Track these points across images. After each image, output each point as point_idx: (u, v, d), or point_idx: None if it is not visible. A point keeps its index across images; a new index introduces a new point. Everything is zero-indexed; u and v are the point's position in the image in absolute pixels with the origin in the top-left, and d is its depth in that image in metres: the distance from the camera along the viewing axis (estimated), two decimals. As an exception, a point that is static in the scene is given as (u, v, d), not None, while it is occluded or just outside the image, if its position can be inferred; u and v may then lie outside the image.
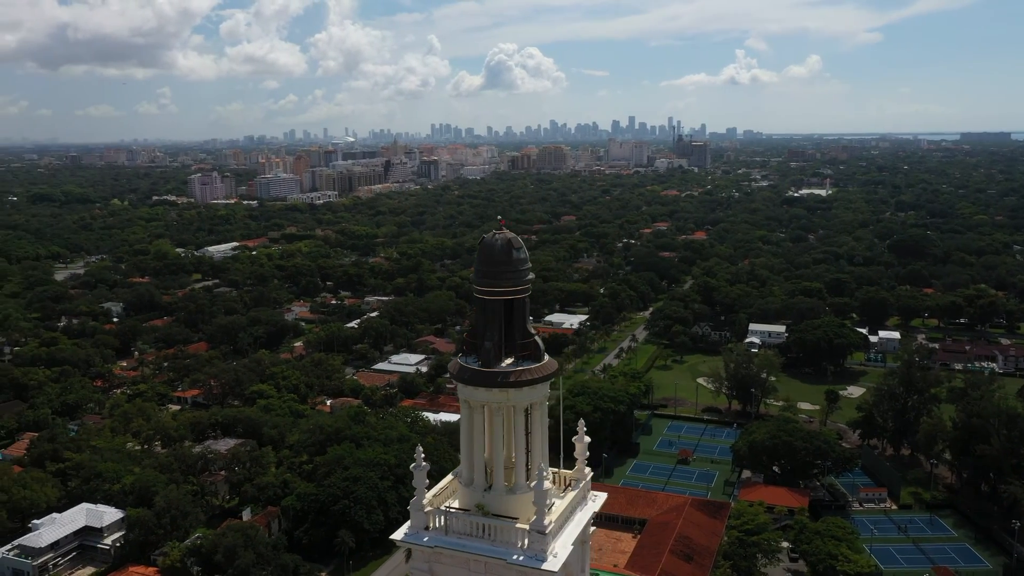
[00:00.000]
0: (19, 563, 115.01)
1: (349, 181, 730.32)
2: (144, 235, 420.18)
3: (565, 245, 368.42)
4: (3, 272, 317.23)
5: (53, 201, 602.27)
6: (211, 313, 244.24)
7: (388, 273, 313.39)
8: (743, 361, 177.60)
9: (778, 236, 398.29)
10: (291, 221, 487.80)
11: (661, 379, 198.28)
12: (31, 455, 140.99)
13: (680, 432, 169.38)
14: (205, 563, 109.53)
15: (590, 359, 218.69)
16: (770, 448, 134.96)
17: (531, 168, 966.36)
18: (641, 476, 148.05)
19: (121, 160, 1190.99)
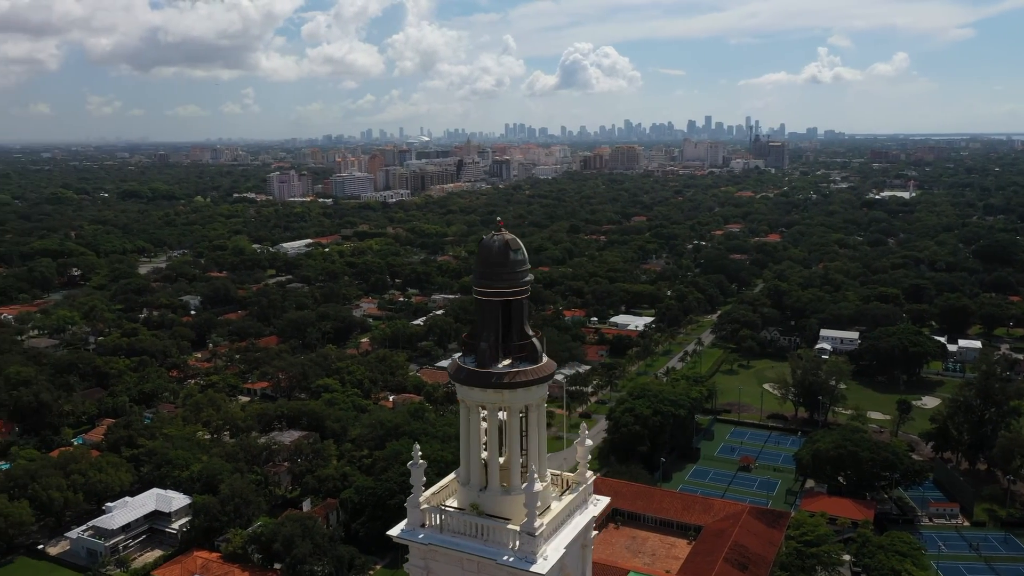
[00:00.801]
0: (93, 543, 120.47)
1: (422, 180, 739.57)
2: (223, 231, 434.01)
3: (634, 246, 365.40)
4: (91, 265, 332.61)
5: (141, 198, 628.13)
6: (282, 308, 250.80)
7: (455, 271, 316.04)
8: (811, 367, 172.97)
9: (856, 240, 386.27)
10: (363, 219, 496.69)
11: (726, 384, 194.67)
12: (108, 440, 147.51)
13: (743, 438, 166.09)
14: (265, 551, 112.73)
15: (654, 362, 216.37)
16: (834, 458, 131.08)
17: (603, 168, 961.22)
18: (700, 482, 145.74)
19: (206, 158, 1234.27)
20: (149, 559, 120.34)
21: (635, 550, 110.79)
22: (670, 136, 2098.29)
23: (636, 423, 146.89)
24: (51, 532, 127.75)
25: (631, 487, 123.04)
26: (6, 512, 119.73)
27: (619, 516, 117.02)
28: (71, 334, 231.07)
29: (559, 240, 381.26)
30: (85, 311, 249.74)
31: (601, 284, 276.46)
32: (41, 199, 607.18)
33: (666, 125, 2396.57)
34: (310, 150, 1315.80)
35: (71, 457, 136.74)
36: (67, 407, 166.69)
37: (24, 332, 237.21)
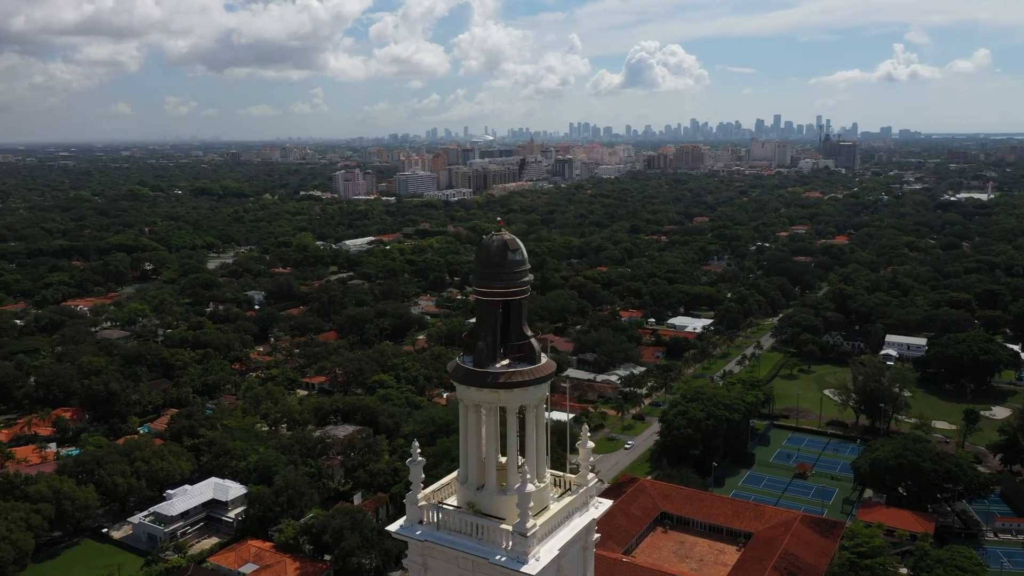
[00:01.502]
0: (153, 529, 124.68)
1: (484, 179, 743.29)
2: (289, 228, 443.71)
3: (695, 247, 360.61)
4: (163, 260, 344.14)
5: (212, 195, 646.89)
6: (342, 304, 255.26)
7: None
8: (874, 373, 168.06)
9: (928, 243, 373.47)
10: (425, 217, 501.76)
11: (785, 389, 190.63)
12: (171, 430, 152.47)
13: (800, 445, 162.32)
14: (315, 542, 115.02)
15: (711, 364, 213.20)
16: (894, 467, 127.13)
17: (667, 168, 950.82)
18: (754, 488, 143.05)
19: (275, 157, 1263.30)
20: (205, 546, 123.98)
21: (683, 555, 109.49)
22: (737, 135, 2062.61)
23: (689, 426, 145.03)
24: (115, 517, 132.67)
25: (681, 491, 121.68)
26: (73, 496, 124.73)
27: (667, 520, 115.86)
28: (141, 326, 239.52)
29: (619, 240, 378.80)
30: (155, 304, 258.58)
31: (660, 285, 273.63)
32: (119, 196, 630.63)
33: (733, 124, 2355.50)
34: (376, 149, 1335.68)
35: (135, 445, 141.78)
36: (134, 397, 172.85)
37: (98, 324, 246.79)
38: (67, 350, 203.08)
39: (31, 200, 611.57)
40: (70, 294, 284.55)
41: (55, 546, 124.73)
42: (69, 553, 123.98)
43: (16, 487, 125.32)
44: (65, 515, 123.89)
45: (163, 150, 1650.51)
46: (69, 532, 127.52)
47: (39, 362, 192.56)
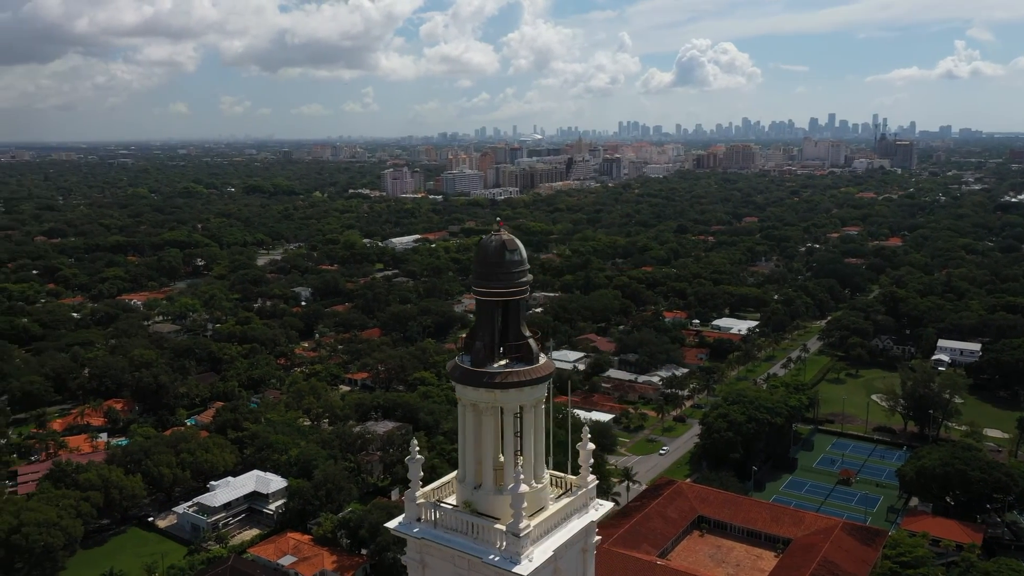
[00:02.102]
0: (197, 519, 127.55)
1: (531, 178, 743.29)
2: (337, 225, 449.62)
3: (742, 248, 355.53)
4: (214, 256, 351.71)
5: (263, 193, 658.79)
6: (386, 301, 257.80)
7: (557, 270, 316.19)
8: (923, 379, 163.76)
9: (985, 245, 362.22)
10: (471, 216, 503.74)
11: (831, 393, 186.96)
12: (216, 422, 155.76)
13: (845, 450, 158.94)
14: (352, 536, 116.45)
15: (755, 367, 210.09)
16: (941, 476, 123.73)
17: (717, 167, 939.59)
18: (795, 493, 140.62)
19: (326, 156, 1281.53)
20: (246, 537, 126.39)
21: (719, 559, 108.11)
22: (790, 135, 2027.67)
23: (729, 429, 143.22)
24: (161, 506, 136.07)
25: (718, 495, 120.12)
26: (121, 485, 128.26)
27: (704, 524, 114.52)
28: (191, 320, 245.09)
29: (665, 240, 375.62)
30: (205, 299, 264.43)
31: (705, 286, 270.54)
32: (174, 193, 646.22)
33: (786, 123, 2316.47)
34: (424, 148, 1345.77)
35: (182, 436, 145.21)
36: (182, 389, 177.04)
37: (150, 318, 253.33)
38: (120, 343, 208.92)
39: (91, 197, 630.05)
40: (125, 288, 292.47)
41: (103, 533, 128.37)
42: (116, 540, 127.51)
43: (68, 475, 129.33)
44: (113, 503, 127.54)
45: (218, 148, 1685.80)
46: (117, 520, 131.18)
47: (93, 354, 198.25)
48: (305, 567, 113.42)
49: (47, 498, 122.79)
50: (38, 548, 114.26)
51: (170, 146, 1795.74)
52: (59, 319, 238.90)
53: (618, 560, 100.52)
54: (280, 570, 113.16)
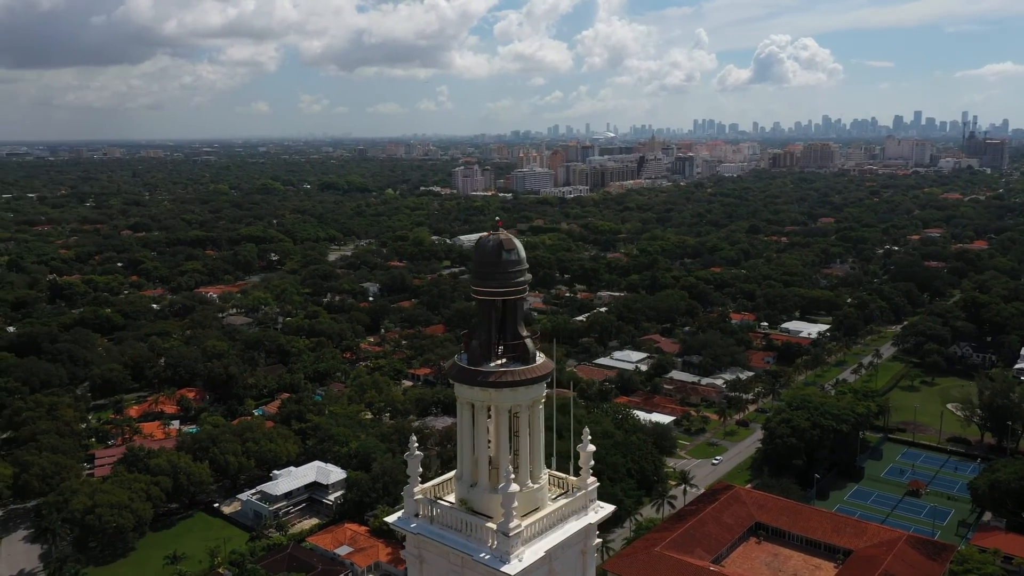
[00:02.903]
0: (259, 506, 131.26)
1: (601, 176, 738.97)
2: (407, 222, 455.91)
3: (816, 249, 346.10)
4: (288, 251, 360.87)
5: (338, 190, 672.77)
6: (451, 298, 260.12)
7: (624, 269, 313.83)
8: (1003, 389, 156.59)
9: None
10: (539, 214, 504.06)
11: (903, 401, 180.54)
12: (281, 413, 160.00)
13: (916, 461, 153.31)
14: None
15: (824, 372, 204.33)
16: (1017, 490, 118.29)
17: (794, 166, 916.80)
18: (860, 503, 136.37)
19: (400, 153, 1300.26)
20: (306, 526, 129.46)
21: (775, 568, 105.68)
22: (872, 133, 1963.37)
23: (792, 435, 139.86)
24: (226, 493, 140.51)
25: (777, 502, 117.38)
26: (189, 471, 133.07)
27: (762, 531, 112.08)
28: (263, 314, 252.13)
29: (736, 240, 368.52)
30: (277, 293, 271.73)
31: (775, 287, 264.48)
32: (253, 190, 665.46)
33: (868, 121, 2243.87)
34: (496, 146, 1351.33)
35: (248, 426, 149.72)
36: (251, 380, 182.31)
37: (224, 310, 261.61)
38: (195, 334, 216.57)
39: (175, 193, 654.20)
40: (202, 281, 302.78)
41: (171, 517, 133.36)
42: (184, 524, 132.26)
43: (140, 460, 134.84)
44: (181, 488, 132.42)
45: (296, 146, 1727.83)
46: (184, 504, 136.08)
47: (169, 344, 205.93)
48: (360, 558, 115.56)
49: (120, 481, 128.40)
50: (110, 528, 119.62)
51: (251, 144, 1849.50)
52: (140, 310, 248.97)
53: (671, 564, 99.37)
54: (336, 560, 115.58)
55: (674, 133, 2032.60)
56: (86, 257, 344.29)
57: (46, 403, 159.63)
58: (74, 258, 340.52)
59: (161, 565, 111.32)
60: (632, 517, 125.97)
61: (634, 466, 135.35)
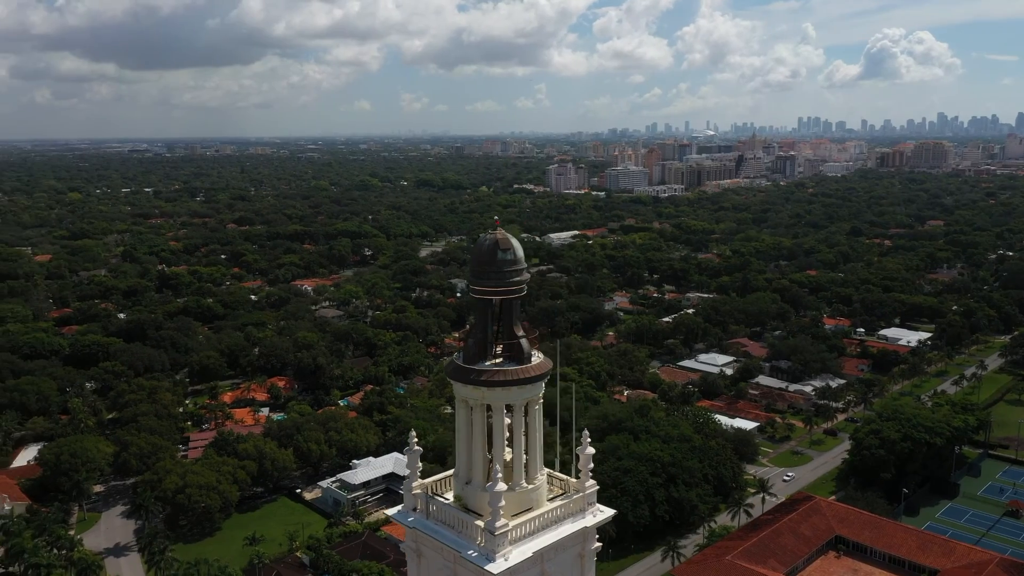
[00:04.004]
0: (338, 494, 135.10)
1: (698, 175, 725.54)
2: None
3: (921, 253, 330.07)
4: (380, 246, 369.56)
5: (433, 187, 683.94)
6: (536, 296, 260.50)
7: (715, 270, 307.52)
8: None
9: None
10: (632, 213, 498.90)
11: (1008, 415, 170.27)
12: (363, 405, 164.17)
13: (1018, 480, 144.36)
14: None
15: (922, 382, 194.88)
16: None
17: (903, 166, 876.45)
18: (953, 522, 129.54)
19: (496, 151, 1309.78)
20: (381, 516, 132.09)
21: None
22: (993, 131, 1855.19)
23: (881, 447, 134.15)
24: (308, 479, 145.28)
25: (860, 515, 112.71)
26: (274, 457, 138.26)
27: (842, 545, 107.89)
28: (353, 307, 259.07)
29: (835, 243, 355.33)
30: (368, 287, 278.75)
31: (873, 292, 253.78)
32: (352, 186, 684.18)
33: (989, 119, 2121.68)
34: (592, 144, 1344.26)
35: (331, 416, 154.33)
36: (337, 371, 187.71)
37: (317, 303, 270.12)
38: (288, 325, 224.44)
39: (278, 188, 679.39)
40: (298, 274, 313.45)
41: (256, 500, 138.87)
42: (267, 508, 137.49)
43: (229, 444, 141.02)
44: (266, 473, 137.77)
45: (396, 144, 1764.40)
46: (269, 489, 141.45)
47: (264, 335, 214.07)
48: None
49: (210, 464, 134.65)
50: (198, 508, 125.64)
51: (353, 141, 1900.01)
52: (239, 300, 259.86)
53: (742, 574, 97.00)
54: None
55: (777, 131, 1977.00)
56: (193, 249, 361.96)
57: (147, 387, 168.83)
58: (182, 250, 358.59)
59: (241, 546, 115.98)
60: (706, 523, 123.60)
61: (711, 472, 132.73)
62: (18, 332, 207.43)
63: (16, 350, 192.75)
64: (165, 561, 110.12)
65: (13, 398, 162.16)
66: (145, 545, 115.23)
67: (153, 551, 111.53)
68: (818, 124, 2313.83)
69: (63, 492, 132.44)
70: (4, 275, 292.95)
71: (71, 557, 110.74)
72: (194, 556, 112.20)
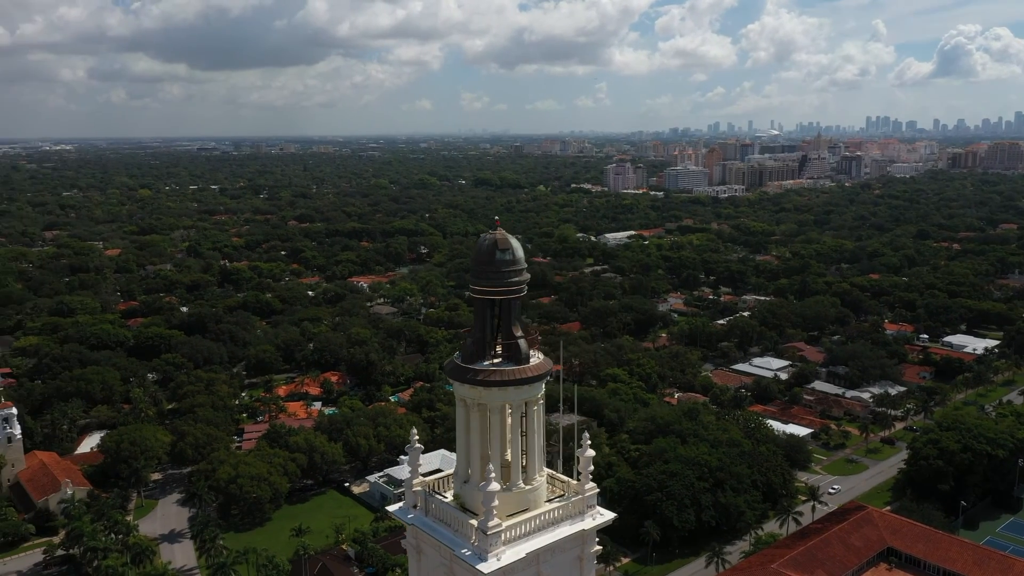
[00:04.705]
0: (385, 489, 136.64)
1: (759, 175, 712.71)
2: (554, 219, 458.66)
3: (992, 258, 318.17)
4: (436, 244, 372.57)
5: (491, 185, 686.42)
6: (590, 296, 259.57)
7: (773, 272, 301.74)
8: None
9: None
10: (689, 213, 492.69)
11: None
12: (413, 401, 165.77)
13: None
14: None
15: (988, 392, 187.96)
16: None
17: (976, 167, 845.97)
18: (1015, 537, 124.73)
19: (555, 150, 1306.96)
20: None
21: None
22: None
23: (939, 458, 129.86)
24: (357, 473, 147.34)
25: (914, 528, 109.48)
26: (324, 450, 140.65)
27: (894, 557, 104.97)
28: (407, 304, 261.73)
29: (900, 246, 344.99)
30: (422, 285, 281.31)
31: (938, 298, 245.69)
32: (410, 184, 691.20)
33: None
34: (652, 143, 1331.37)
35: (381, 411, 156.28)
36: (389, 367, 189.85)
37: (372, 299, 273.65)
38: (342, 321, 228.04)
39: (339, 186, 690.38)
40: (355, 271, 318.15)
41: (306, 492, 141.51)
42: (316, 500, 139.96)
43: (281, 437, 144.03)
44: (316, 466, 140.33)
45: (456, 143, 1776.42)
46: (319, 482, 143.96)
47: (319, 330, 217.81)
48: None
49: (262, 455, 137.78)
50: (249, 498, 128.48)
51: (414, 140, 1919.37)
52: (296, 296, 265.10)
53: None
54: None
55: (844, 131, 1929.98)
56: (254, 245, 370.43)
57: (205, 379, 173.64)
58: (244, 245, 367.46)
59: (287, 536, 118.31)
60: (753, 530, 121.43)
61: (760, 478, 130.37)
62: (87, 323, 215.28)
63: (84, 340, 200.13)
64: (215, 549, 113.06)
65: (79, 387, 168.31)
66: (197, 532, 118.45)
67: (204, 539, 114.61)
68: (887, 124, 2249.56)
69: (123, 479, 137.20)
70: (76, 268, 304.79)
71: (127, 541, 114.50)
72: (244, 545, 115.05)
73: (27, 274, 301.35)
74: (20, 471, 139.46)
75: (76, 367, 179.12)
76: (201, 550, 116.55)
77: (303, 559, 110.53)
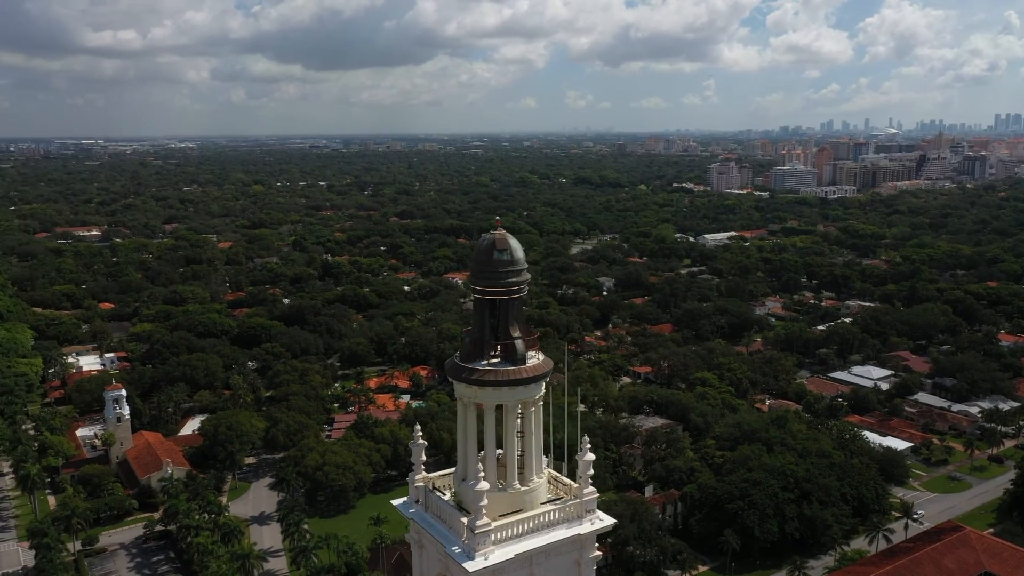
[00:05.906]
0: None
1: (872, 176, 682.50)
2: (653, 219, 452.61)
3: None
4: (531, 242, 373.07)
5: (591, 184, 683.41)
6: (684, 297, 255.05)
7: (880, 277, 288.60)
8: None
9: None
10: (795, 215, 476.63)
11: None
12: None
13: None
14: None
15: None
16: None
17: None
18: None
19: (658, 149, 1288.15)
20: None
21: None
22: None
23: None
24: (438, 466, 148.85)
25: (1016, 552, 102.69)
26: (407, 442, 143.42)
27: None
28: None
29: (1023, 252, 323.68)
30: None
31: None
32: (511, 182, 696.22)
33: None
34: (761, 142, 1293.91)
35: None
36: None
37: (465, 296, 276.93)
38: (434, 316, 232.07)
39: (441, 184, 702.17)
40: (450, 267, 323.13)
41: (389, 483, 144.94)
42: (399, 491, 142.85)
43: (367, 427, 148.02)
44: (399, 458, 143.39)
45: (559, 141, 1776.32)
46: (402, 473, 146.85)
47: (411, 325, 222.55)
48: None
49: (348, 445, 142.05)
50: (335, 486, 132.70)
51: (517, 138, 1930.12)
52: (392, 291, 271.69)
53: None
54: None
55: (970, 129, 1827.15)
56: (356, 240, 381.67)
57: (300, 368, 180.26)
58: (346, 240, 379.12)
59: (367, 525, 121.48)
60: (839, 545, 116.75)
61: (851, 491, 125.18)
62: (195, 312, 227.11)
63: (192, 328, 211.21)
64: (299, 533, 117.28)
65: (185, 372, 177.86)
66: (283, 516, 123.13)
67: (289, 523, 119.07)
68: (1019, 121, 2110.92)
69: (219, 461, 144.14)
70: (191, 259, 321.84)
71: (218, 521, 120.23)
72: (326, 531, 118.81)
73: (147, 264, 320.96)
74: (128, 449, 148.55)
75: (183, 353, 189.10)
76: (286, 533, 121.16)
77: (380, 548, 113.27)
